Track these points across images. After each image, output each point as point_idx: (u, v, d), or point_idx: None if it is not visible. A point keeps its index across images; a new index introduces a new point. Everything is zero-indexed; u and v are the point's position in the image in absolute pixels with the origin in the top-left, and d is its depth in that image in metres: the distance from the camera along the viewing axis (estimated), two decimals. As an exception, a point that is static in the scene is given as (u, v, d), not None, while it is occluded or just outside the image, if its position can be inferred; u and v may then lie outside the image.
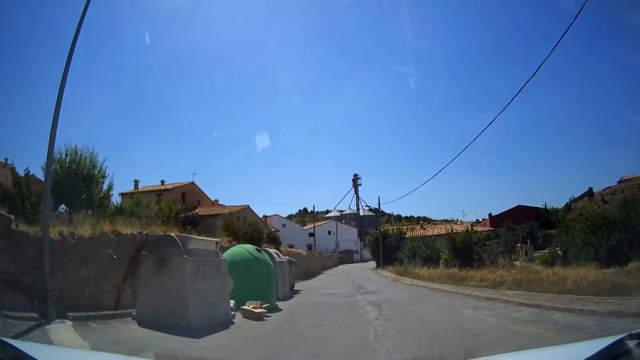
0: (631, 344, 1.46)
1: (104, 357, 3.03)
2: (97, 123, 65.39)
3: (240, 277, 10.87)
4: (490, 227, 45.15)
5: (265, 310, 9.49)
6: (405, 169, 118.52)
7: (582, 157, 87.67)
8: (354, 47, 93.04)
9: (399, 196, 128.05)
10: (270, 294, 11.09)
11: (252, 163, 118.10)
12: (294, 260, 18.19)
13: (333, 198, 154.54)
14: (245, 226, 19.72)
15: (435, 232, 40.59)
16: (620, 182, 60.51)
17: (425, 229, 47.41)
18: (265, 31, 74.01)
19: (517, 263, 17.55)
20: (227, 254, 11.58)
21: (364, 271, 35.21)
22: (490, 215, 71.89)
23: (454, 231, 23.06)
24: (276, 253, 14.39)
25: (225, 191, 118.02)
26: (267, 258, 11.36)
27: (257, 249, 11.36)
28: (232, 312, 9.93)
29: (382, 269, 33.53)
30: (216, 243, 9.70)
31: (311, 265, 31.86)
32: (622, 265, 11.69)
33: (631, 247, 13.35)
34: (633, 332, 1.54)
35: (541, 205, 59.80)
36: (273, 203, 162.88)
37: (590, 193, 64.54)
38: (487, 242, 21.64)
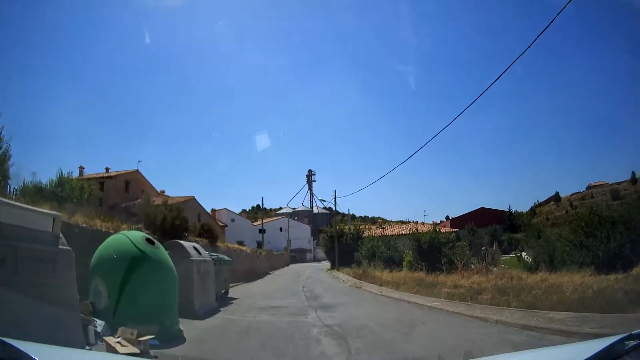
0: (631, 343, 1.45)
1: (104, 357, 2.88)
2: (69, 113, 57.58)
3: (116, 283, 6.41)
4: (451, 229, 43.39)
5: (137, 350, 5.07)
6: (364, 169, 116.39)
7: (547, 163, 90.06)
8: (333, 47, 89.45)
9: (359, 196, 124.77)
10: (168, 311, 6.66)
11: (206, 158, 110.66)
12: (226, 259, 13.61)
13: (288, 196, 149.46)
14: (163, 211, 14.73)
15: (396, 231, 37.53)
16: (589, 187, 61.82)
17: (384, 227, 44.37)
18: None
19: (494, 268, 15.53)
20: (102, 246, 7.02)
21: (318, 272, 31.35)
22: (447, 217, 71.37)
23: (419, 231, 21.11)
24: (194, 247, 9.87)
25: (178, 185, 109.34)
26: (163, 254, 6.82)
27: (148, 239, 6.80)
28: (88, 346, 5.55)
29: (338, 270, 30.18)
30: (54, 219, 5.13)
31: (257, 264, 27.25)
32: (626, 270, 10.36)
33: (635, 250, 11.93)
34: (633, 332, 1.51)
35: (504, 209, 59.62)
36: (228, 199, 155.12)
37: (557, 198, 65.19)
38: (458, 244, 19.73)
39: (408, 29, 60.15)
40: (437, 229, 23.34)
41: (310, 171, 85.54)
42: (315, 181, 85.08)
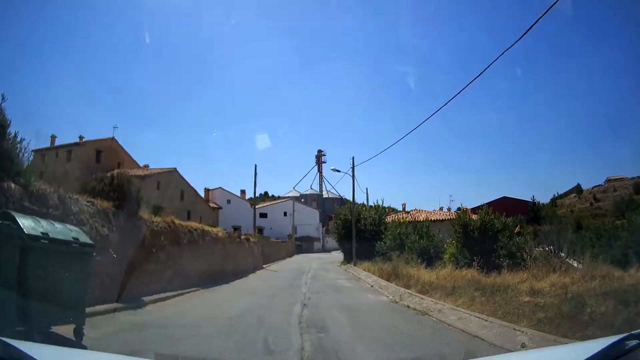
0: (631, 343, 1.42)
1: (104, 357, 2.84)
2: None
3: None
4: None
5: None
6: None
7: (568, 157, 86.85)
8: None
9: (374, 184, 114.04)
10: None
11: (210, 144, 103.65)
12: (62, 237, 4.46)
13: (295, 183, 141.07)
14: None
15: (423, 217, 28.72)
16: (608, 181, 61.63)
17: (408, 212, 35.73)
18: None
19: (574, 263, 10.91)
20: None
21: (329, 269, 23.16)
22: (459, 208, 63.24)
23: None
24: None
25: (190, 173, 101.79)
26: None
27: None
28: None
29: (355, 265, 21.92)
30: None
31: (240, 256, 18.67)
32: None
33: None
34: (633, 332, 1.49)
35: (526, 199, 53.72)
36: (230, 185, 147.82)
37: (578, 190, 63.56)
38: (522, 231, 16.32)
39: (407, 27, 54.41)
40: (489, 212, 15.97)
41: (320, 151, 76.44)
42: (325, 162, 75.91)
